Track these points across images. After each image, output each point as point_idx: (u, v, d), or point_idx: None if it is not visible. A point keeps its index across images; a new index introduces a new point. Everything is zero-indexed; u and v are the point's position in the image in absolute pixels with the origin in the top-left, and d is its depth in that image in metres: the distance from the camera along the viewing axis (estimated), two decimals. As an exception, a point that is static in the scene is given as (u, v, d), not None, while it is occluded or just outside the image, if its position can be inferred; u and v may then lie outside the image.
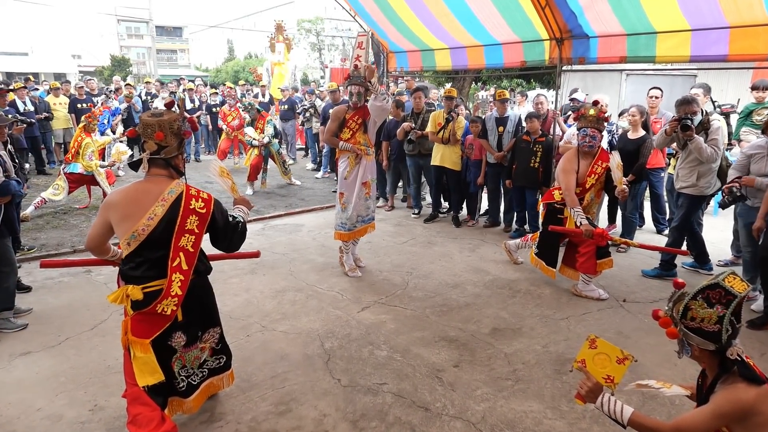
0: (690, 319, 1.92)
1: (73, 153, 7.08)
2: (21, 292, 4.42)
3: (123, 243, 2.47)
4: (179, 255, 2.49)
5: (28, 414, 2.95)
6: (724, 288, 1.88)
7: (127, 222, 2.45)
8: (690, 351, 1.97)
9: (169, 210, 2.47)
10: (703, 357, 1.95)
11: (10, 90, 8.34)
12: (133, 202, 2.47)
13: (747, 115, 5.70)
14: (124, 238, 2.45)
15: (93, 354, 3.61)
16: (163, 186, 2.52)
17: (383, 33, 8.08)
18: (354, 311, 4.34)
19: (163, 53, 51.46)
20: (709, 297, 1.90)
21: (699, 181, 4.74)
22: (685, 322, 1.93)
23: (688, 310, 1.93)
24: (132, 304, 2.46)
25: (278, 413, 2.98)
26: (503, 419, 2.95)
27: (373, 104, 4.71)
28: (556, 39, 5.95)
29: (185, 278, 2.51)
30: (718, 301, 1.88)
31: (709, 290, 1.89)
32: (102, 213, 2.52)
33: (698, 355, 1.96)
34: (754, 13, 4.36)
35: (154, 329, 2.51)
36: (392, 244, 6.16)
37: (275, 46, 14.83)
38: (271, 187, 9.19)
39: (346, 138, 4.87)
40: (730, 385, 1.86)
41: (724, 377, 1.89)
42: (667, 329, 1.98)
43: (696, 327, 1.90)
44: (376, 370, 3.44)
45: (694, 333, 1.91)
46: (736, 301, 1.84)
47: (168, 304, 2.47)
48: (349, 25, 39.01)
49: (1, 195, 3.76)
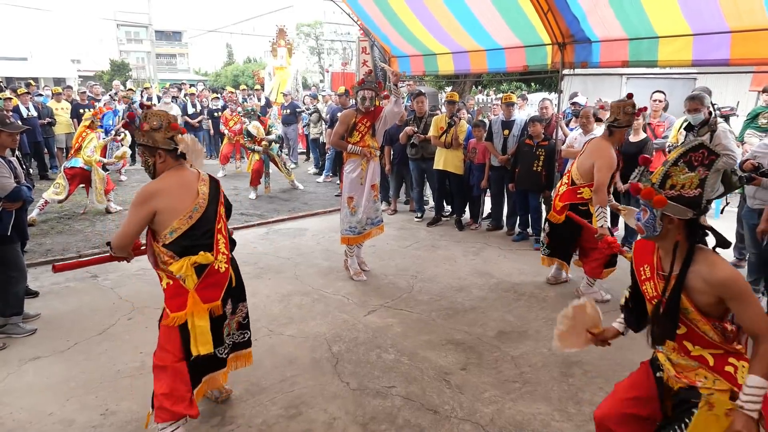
0: (670, 187, 1.85)
1: (75, 148, 7.12)
2: (28, 297, 4.44)
3: (180, 221, 2.62)
4: (221, 221, 2.80)
5: (40, 419, 2.97)
6: (707, 148, 1.83)
7: (181, 203, 2.64)
8: (659, 229, 1.89)
9: (210, 187, 2.77)
10: (673, 231, 1.88)
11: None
12: (183, 185, 2.69)
13: (753, 118, 5.74)
14: (180, 217, 2.62)
15: (102, 359, 3.63)
16: (192, 171, 2.80)
17: (385, 37, 8.13)
18: (360, 315, 4.36)
19: (163, 57, 51.55)
20: (691, 160, 1.84)
21: None
22: (664, 192, 1.85)
23: (668, 177, 1.86)
24: (197, 270, 2.63)
25: (288, 416, 3.01)
26: (511, 421, 2.97)
27: (392, 109, 4.82)
28: (559, 44, 5.99)
29: (226, 240, 2.82)
30: (700, 162, 1.83)
31: (692, 152, 1.84)
32: (144, 204, 2.59)
33: (670, 228, 1.88)
34: (755, 17, 4.39)
35: (218, 291, 2.72)
36: (396, 247, 6.19)
37: (277, 50, 14.87)
38: (274, 192, 9.22)
39: (355, 141, 4.90)
40: (711, 263, 1.83)
41: (693, 261, 1.85)
42: (654, 198, 1.85)
43: (676, 195, 1.84)
44: (384, 373, 3.46)
45: (674, 201, 1.84)
46: (718, 158, 1.81)
47: (221, 261, 2.72)
48: (348, 29, 39.13)
49: (13, 200, 3.79)
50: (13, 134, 3.85)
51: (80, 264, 2.93)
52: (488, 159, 6.68)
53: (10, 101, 8.99)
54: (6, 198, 3.76)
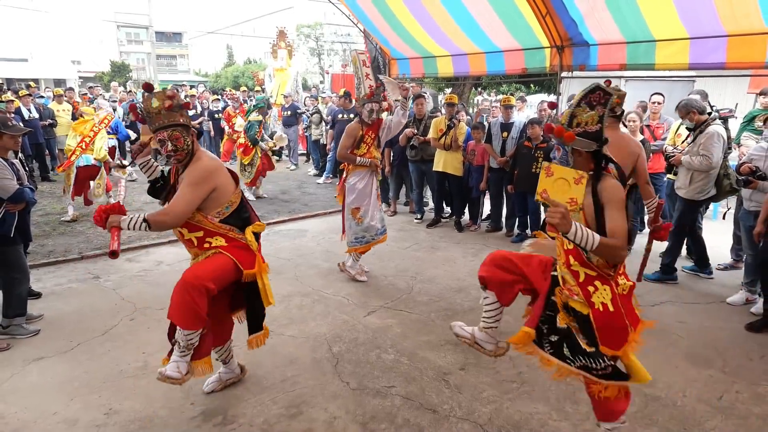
0: (576, 125, 2.22)
1: (87, 143, 7.14)
2: (31, 298, 4.47)
3: (235, 195, 2.87)
4: None
5: (45, 418, 3.01)
6: (602, 89, 2.19)
7: (227, 179, 2.86)
8: (572, 161, 2.28)
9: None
10: (583, 161, 2.27)
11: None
12: (220, 163, 2.92)
13: (750, 121, 5.79)
14: (234, 192, 2.86)
15: (105, 359, 3.67)
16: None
17: (385, 40, 8.19)
18: (360, 316, 4.40)
19: (163, 59, 51.63)
20: (591, 100, 2.20)
21: (691, 184, 4.82)
22: (572, 129, 2.21)
23: (574, 117, 2.23)
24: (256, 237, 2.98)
25: (290, 416, 3.05)
26: (510, 421, 3.01)
27: (399, 120, 4.94)
28: (557, 46, 6.05)
29: None
30: (598, 102, 2.19)
31: (591, 94, 2.20)
32: (206, 182, 2.73)
33: (579, 161, 2.27)
34: (751, 22, 4.45)
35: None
36: (396, 249, 6.23)
37: (278, 52, 14.90)
38: (274, 193, 9.26)
39: (362, 153, 4.93)
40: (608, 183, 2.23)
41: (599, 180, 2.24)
42: (565, 134, 2.21)
43: (581, 131, 2.21)
44: (384, 373, 3.50)
45: (580, 137, 2.21)
46: (612, 99, 2.17)
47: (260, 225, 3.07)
48: (348, 30, 39.22)
49: (16, 202, 3.82)
50: (15, 136, 3.89)
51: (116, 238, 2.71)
52: (487, 161, 6.73)
53: (12, 103, 9.03)
54: (9, 200, 3.80)
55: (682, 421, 3.01)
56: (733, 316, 4.42)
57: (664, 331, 4.12)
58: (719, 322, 4.30)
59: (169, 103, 2.71)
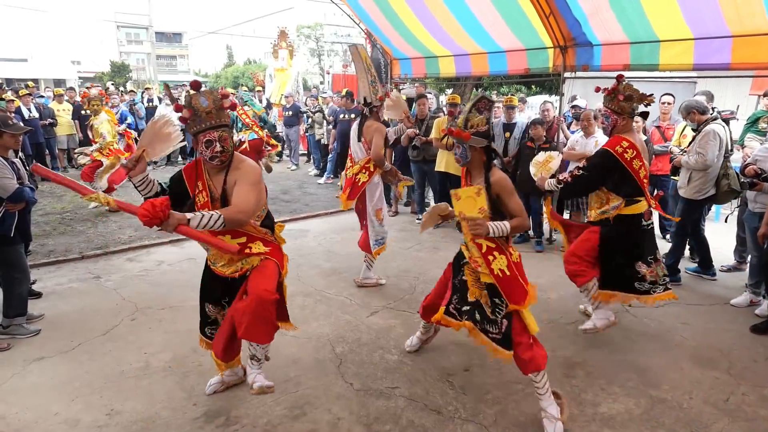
0: (470, 127, 2.83)
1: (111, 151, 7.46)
2: (32, 298, 4.45)
3: (266, 199, 2.93)
4: None
5: (46, 418, 2.98)
6: (486, 99, 2.88)
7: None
8: (469, 156, 2.88)
9: None
10: (477, 155, 2.89)
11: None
12: None
13: (754, 122, 5.76)
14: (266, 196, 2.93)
15: (106, 359, 3.64)
16: None
17: (387, 40, 8.16)
18: (363, 316, 4.38)
19: (163, 59, 51.63)
20: (479, 107, 2.86)
21: (690, 183, 4.80)
22: (467, 130, 2.82)
23: (468, 120, 2.84)
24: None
25: (293, 417, 3.02)
26: (515, 422, 2.99)
27: (391, 134, 5.00)
28: (560, 47, 6.02)
29: None
30: (485, 108, 2.88)
31: (479, 103, 2.86)
32: (262, 180, 2.81)
33: (474, 154, 2.88)
34: (756, 22, 4.42)
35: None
36: (398, 249, 6.20)
37: (278, 52, 14.86)
38: (275, 193, 9.23)
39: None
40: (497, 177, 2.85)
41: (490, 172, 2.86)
42: (463, 134, 2.83)
43: (475, 131, 2.83)
44: (387, 374, 3.48)
45: (475, 136, 2.83)
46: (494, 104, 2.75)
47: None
48: (348, 30, 39.23)
49: (16, 202, 3.80)
50: (15, 135, 3.86)
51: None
52: (490, 161, 6.71)
53: (13, 103, 9.01)
54: (9, 199, 3.77)
55: (689, 423, 2.99)
56: (738, 317, 4.40)
57: (669, 333, 4.10)
58: (723, 324, 4.28)
59: (227, 103, 2.66)
